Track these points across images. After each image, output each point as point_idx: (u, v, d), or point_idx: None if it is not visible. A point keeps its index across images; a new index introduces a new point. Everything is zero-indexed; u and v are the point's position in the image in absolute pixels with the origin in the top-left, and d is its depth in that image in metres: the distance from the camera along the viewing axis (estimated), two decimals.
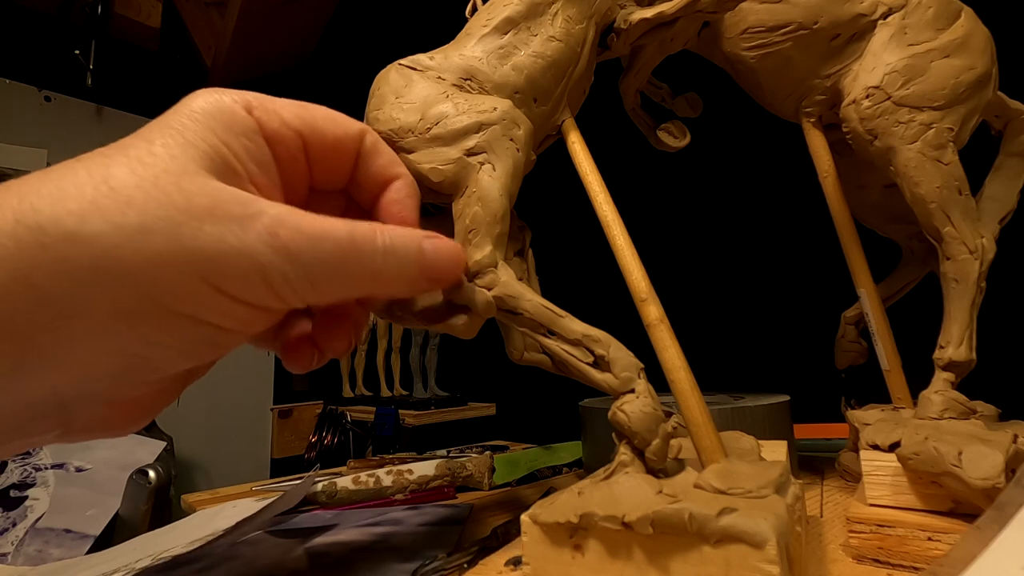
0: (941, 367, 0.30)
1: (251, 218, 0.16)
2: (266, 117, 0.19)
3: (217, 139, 0.17)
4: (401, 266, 0.20)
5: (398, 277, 0.20)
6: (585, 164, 0.29)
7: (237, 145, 0.18)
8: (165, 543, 0.36)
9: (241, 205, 0.16)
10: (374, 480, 0.44)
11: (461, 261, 0.23)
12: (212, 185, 0.16)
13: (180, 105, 0.18)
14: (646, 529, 0.18)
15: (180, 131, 0.17)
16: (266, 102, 0.19)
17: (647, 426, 0.22)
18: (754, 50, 0.35)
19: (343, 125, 0.21)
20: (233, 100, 0.18)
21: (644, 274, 0.26)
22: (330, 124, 0.21)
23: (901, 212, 0.34)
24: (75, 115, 1.55)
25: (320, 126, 0.21)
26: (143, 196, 0.15)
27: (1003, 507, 0.18)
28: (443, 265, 0.22)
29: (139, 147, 0.16)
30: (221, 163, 0.17)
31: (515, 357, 0.30)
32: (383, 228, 0.19)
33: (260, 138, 0.19)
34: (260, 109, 0.19)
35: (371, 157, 0.23)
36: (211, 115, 0.18)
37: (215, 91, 0.18)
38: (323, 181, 0.22)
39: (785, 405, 0.40)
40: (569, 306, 0.25)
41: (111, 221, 0.15)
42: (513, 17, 0.29)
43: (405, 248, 0.20)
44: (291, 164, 0.20)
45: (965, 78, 0.30)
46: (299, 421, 1.69)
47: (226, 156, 0.18)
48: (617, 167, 0.41)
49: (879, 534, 0.25)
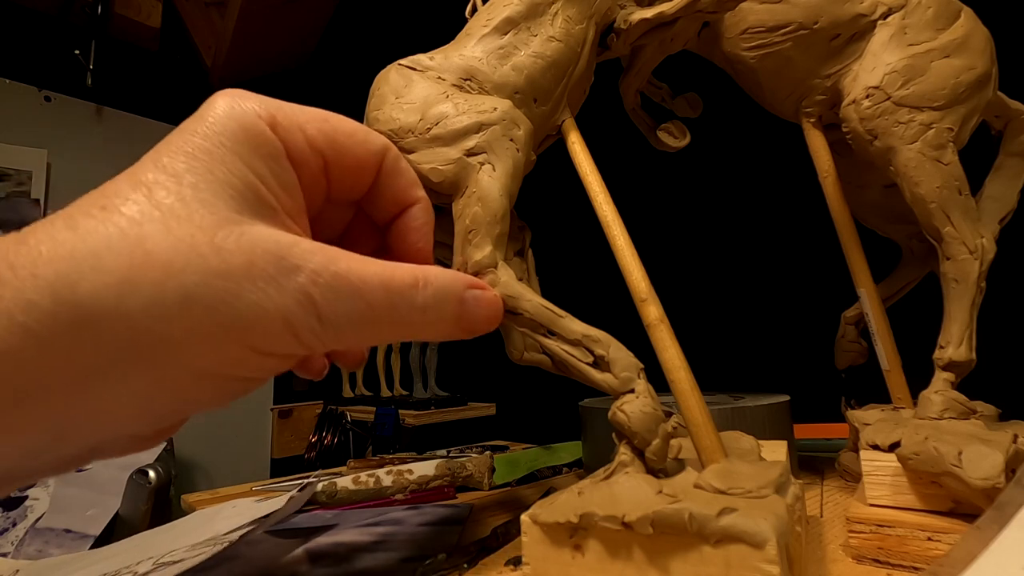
0: (941, 367, 0.30)
1: (286, 275, 0.16)
2: (290, 136, 0.18)
3: (246, 167, 0.17)
4: (436, 320, 0.19)
5: (430, 329, 0.20)
6: (585, 164, 0.29)
7: (266, 171, 0.18)
8: (165, 543, 0.36)
9: (276, 261, 0.16)
10: (374, 480, 0.44)
11: (500, 312, 0.22)
12: (247, 236, 0.16)
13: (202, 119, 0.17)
14: (646, 529, 0.18)
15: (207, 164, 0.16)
16: (289, 115, 0.19)
17: (647, 426, 0.22)
18: (754, 50, 0.35)
19: (365, 143, 0.21)
20: (257, 115, 0.18)
21: (644, 274, 0.26)
22: (351, 141, 0.20)
23: (901, 212, 0.34)
24: (75, 115, 1.55)
25: (342, 144, 0.20)
26: (181, 261, 0.15)
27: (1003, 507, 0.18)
28: (481, 319, 0.21)
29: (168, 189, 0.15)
30: (253, 198, 0.17)
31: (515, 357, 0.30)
32: (425, 280, 0.19)
33: (286, 161, 0.18)
34: (283, 127, 0.18)
35: (391, 176, 0.22)
36: (237, 137, 0.17)
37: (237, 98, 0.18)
38: (339, 195, 0.22)
39: (785, 405, 0.40)
40: (569, 306, 0.25)
41: (150, 295, 0.14)
42: (513, 17, 0.29)
43: (444, 304, 0.19)
44: (312, 184, 0.20)
45: (965, 78, 0.30)
46: (299, 421, 1.69)
47: (257, 189, 0.17)
48: (617, 167, 0.41)
49: (879, 534, 0.25)
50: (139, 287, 0.14)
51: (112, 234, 0.14)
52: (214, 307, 0.15)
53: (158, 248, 0.15)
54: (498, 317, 0.22)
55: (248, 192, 0.17)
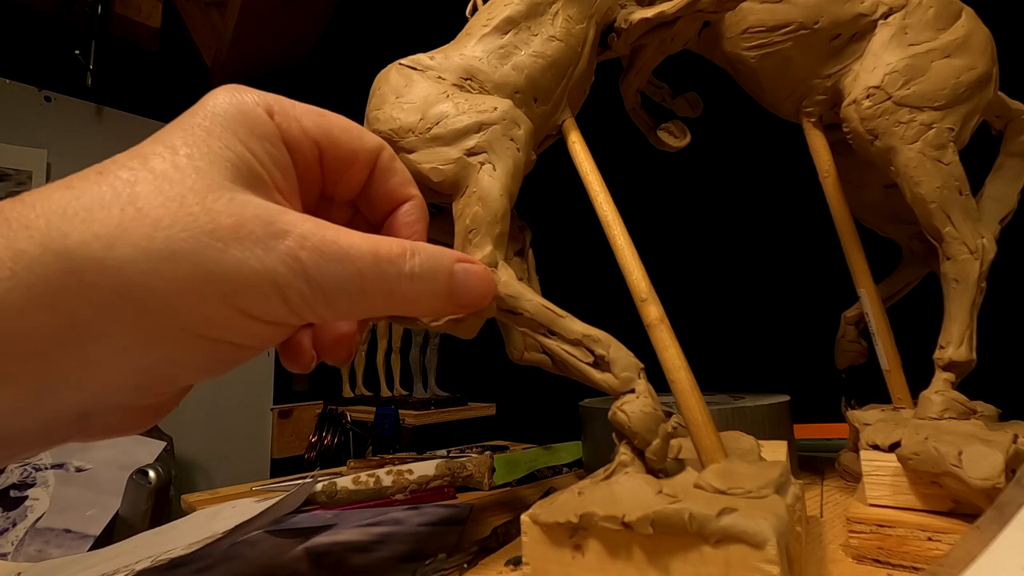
0: (941, 367, 0.30)
1: (274, 238, 0.16)
2: (286, 123, 0.19)
3: (242, 145, 0.17)
4: (428, 292, 0.19)
5: (423, 303, 0.20)
6: (585, 164, 0.29)
7: (261, 150, 0.18)
8: (165, 543, 0.36)
9: (265, 225, 0.16)
10: (374, 480, 0.44)
11: (492, 287, 0.22)
12: (237, 201, 0.16)
13: (201, 105, 0.18)
14: (646, 529, 0.18)
15: (204, 138, 0.17)
16: (286, 106, 0.19)
17: (647, 426, 0.22)
18: (754, 50, 0.35)
19: (360, 139, 0.21)
20: (255, 102, 0.18)
21: (644, 274, 0.26)
22: (347, 136, 0.21)
23: (901, 212, 0.34)
24: (75, 115, 1.55)
25: (337, 136, 0.20)
26: (170, 218, 0.15)
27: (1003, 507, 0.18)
28: (473, 293, 0.21)
29: (164, 157, 0.16)
30: (247, 171, 0.17)
31: (515, 357, 0.30)
32: (413, 250, 0.19)
33: (281, 144, 0.19)
34: (281, 114, 0.19)
35: (385, 174, 0.22)
36: (234, 118, 0.18)
37: (236, 90, 0.18)
38: (333, 191, 0.22)
39: (785, 405, 0.40)
40: (569, 306, 0.25)
41: (138, 247, 0.14)
42: (513, 17, 0.29)
43: (433, 273, 0.19)
44: (306, 172, 0.20)
45: (966, 78, 0.30)
46: (299, 421, 1.69)
47: (251, 163, 0.18)
48: (617, 167, 0.41)
49: (879, 534, 0.25)
50: (127, 240, 0.14)
51: (104, 192, 0.15)
52: (201, 263, 0.15)
53: (149, 205, 0.15)
54: (490, 292, 0.22)
55: (242, 165, 0.17)
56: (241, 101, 0.18)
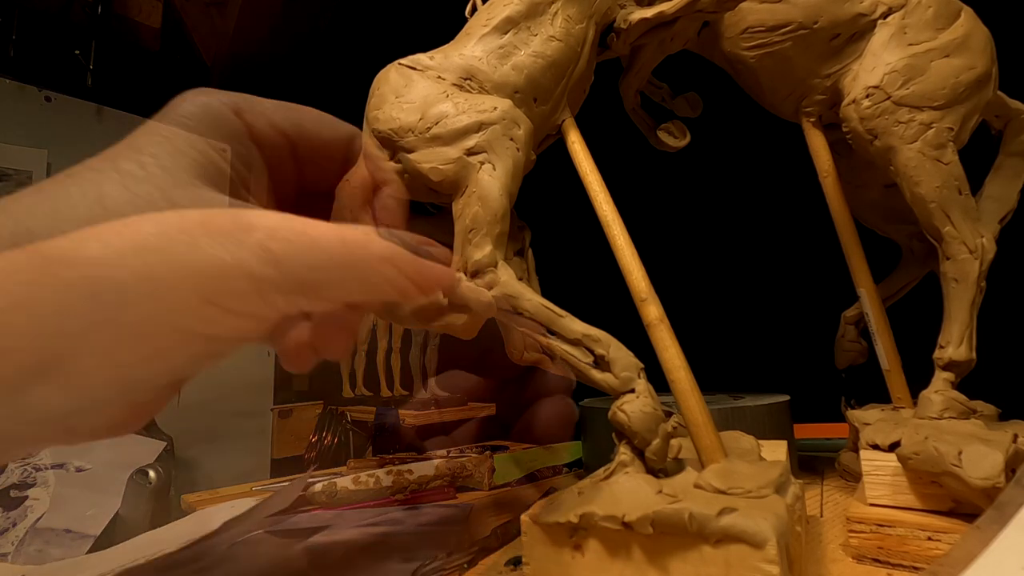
0: (941, 367, 0.30)
1: (244, 231, 0.16)
2: (254, 120, 0.19)
3: (206, 144, 0.18)
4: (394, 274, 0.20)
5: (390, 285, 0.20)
6: (585, 164, 0.29)
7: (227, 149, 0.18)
8: (164, 543, 0.36)
9: (232, 219, 0.16)
10: (374, 480, 0.44)
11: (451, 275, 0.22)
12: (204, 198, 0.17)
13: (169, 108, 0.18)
14: (646, 529, 0.18)
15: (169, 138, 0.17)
16: (254, 104, 0.20)
17: (647, 426, 0.22)
18: (754, 50, 0.35)
19: (332, 128, 0.22)
20: (221, 103, 0.19)
21: (644, 274, 0.26)
22: (318, 126, 0.21)
23: (901, 212, 0.34)
24: (75, 115, 1.55)
25: (308, 128, 0.21)
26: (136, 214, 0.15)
27: (1003, 507, 0.18)
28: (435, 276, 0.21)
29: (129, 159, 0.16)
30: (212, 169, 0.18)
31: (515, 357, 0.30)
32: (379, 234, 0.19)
33: (249, 141, 0.19)
34: (249, 112, 0.19)
35: None
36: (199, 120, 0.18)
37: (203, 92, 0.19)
38: (312, 183, 0.22)
39: (785, 405, 0.40)
40: (569, 306, 0.25)
41: (106, 242, 0.15)
42: (513, 17, 0.29)
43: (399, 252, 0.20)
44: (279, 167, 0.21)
45: (965, 78, 0.30)
46: (299, 421, 1.69)
47: (216, 161, 0.18)
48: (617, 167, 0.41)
49: (879, 534, 0.25)
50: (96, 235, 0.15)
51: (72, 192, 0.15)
52: (171, 257, 0.15)
53: (115, 203, 0.15)
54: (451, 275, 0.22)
55: (208, 164, 0.18)
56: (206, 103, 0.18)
